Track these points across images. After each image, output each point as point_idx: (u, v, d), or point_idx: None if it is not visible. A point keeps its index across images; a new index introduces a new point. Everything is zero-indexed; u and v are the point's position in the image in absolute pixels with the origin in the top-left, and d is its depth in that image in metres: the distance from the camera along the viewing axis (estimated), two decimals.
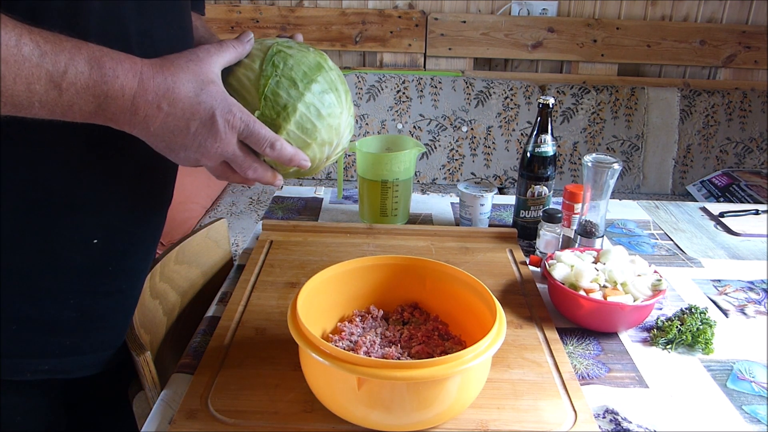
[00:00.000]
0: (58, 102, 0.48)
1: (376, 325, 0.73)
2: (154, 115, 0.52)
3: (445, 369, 0.55)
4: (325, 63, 0.64)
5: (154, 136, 0.54)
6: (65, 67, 0.47)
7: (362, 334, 0.70)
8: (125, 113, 0.51)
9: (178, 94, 0.52)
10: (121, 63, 0.50)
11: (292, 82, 0.60)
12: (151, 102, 0.51)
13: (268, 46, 0.62)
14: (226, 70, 0.60)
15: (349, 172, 2.42)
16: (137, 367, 0.71)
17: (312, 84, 0.61)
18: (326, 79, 0.62)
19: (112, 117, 0.51)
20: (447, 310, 0.75)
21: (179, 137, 0.54)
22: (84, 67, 0.48)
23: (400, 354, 0.66)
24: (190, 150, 0.55)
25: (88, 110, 0.49)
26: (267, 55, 0.61)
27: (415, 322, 0.74)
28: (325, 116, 0.62)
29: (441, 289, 0.74)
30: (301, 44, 0.65)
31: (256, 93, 0.59)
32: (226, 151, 0.56)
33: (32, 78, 0.46)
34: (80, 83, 0.48)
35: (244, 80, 0.60)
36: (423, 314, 0.76)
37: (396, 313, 0.76)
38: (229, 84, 0.60)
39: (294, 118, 0.59)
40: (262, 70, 0.59)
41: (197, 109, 0.53)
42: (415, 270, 0.75)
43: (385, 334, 0.71)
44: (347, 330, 0.71)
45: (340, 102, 0.64)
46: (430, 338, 0.70)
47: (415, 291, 0.77)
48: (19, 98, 0.46)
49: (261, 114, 0.59)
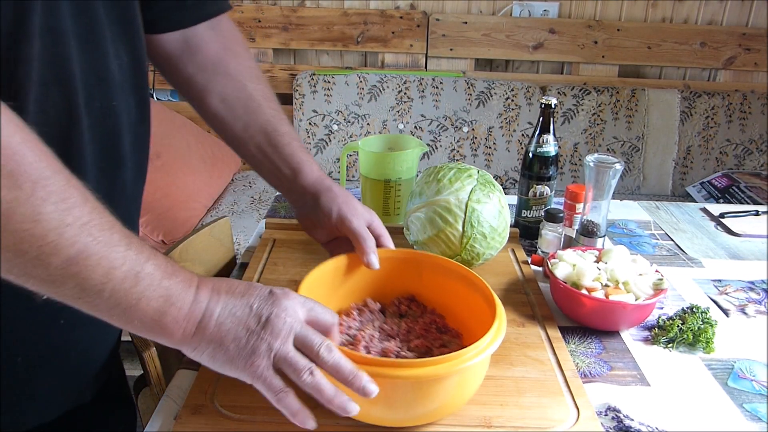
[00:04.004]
0: (129, 292, 0.48)
1: (373, 318, 0.73)
2: (215, 301, 0.52)
3: (447, 367, 0.55)
4: (502, 205, 0.91)
5: (214, 337, 0.52)
6: (147, 258, 0.48)
7: (360, 328, 0.70)
8: (186, 304, 0.51)
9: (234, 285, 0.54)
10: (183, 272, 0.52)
11: (483, 236, 0.88)
12: (211, 289, 0.53)
13: (463, 202, 0.87)
14: (433, 227, 0.82)
15: (351, 171, 2.43)
16: (142, 364, 0.72)
17: (495, 235, 0.89)
18: (501, 222, 0.90)
19: (173, 319, 0.50)
20: (443, 303, 0.75)
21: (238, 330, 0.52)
22: (161, 260, 0.50)
23: (399, 348, 0.66)
24: (246, 348, 0.52)
25: (154, 306, 0.49)
26: (466, 216, 0.87)
27: (413, 314, 0.74)
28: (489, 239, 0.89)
29: (437, 281, 0.75)
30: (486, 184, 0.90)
31: (459, 245, 0.87)
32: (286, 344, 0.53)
33: (116, 263, 0.46)
34: (157, 275, 0.49)
35: (451, 237, 0.87)
36: (420, 307, 0.76)
37: (393, 305, 0.76)
38: (438, 237, 0.87)
39: (482, 257, 0.90)
40: (464, 230, 0.87)
41: (255, 289, 0.55)
42: (411, 263, 0.76)
43: (383, 327, 0.71)
44: (345, 324, 0.71)
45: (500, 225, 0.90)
46: (428, 331, 0.70)
47: (411, 283, 0.77)
48: (91, 282, 0.46)
49: (460, 257, 0.87)
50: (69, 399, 0.69)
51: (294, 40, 2.46)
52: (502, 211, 0.91)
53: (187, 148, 2.09)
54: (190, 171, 2.10)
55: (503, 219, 0.91)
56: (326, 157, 2.42)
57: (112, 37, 0.60)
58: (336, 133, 2.41)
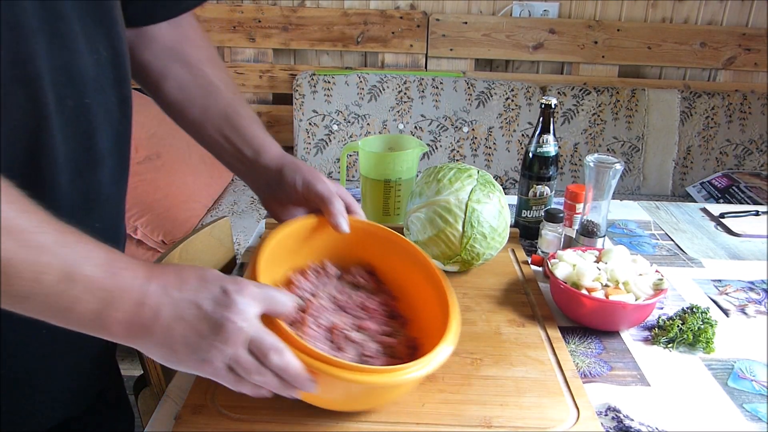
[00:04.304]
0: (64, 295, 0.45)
1: (328, 284, 0.71)
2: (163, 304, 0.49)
3: (382, 379, 0.56)
4: (502, 205, 0.92)
5: (163, 335, 0.50)
6: (85, 258, 0.46)
7: (314, 292, 0.69)
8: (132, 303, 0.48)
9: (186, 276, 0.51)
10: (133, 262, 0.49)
11: (483, 236, 0.88)
12: (160, 288, 0.49)
13: (463, 202, 0.87)
14: (433, 227, 0.82)
15: (351, 171, 2.43)
16: (142, 364, 0.72)
17: (495, 235, 0.90)
18: (501, 222, 0.91)
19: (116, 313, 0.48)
20: (400, 285, 0.74)
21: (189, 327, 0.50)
22: (104, 259, 0.47)
23: (347, 328, 0.65)
24: (203, 343, 0.50)
25: (92, 309, 0.47)
26: (466, 216, 0.87)
27: (368, 289, 0.73)
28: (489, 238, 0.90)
29: (401, 266, 0.73)
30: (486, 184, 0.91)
31: (459, 245, 0.88)
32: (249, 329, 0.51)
33: (46, 267, 0.44)
34: (97, 275, 0.46)
35: (451, 237, 0.87)
36: (377, 282, 0.74)
37: (350, 275, 0.74)
38: (438, 237, 0.87)
39: (482, 257, 0.91)
40: (464, 231, 0.87)
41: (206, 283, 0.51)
42: (378, 239, 0.74)
43: (337, 297, 0.69)
44: (299, 284, 0.69)
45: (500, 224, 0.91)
46: (378, 313, 0.70)
47: (374, 257, 0.75)
48: (19, 288, 0.43)
49: (460, 257, 0.89)
50: (66, 405, 0.69)
51: (294, 40, 2.46)
52: (502, 211, 0.91)
53: (187, 148, 2.09)
54: (190, 171, 2.10)
55: (503, 219, 0.91)
56: (326, 157, 2.42)
57: (85, 31, 0.57)
58: (336, 134, 2.41)
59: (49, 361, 0.64)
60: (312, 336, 0.62)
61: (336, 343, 0.63)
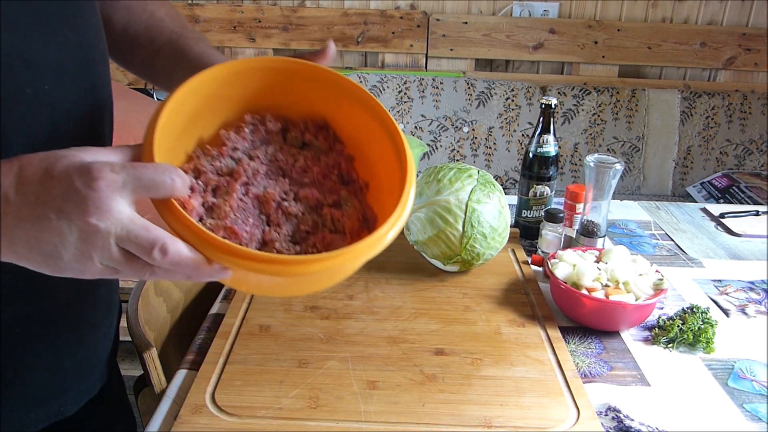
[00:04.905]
0: None
1: (268, 141, 0.56)
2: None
3: (302, 268, 0.44)
4: (502, 205, 0.93)
5: (20, 244, 0.42)
6: None
7: (249, 150, 0.55)
8: None
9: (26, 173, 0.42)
10: None
11: (483, 236, 0.89)
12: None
13: (464, 202, 0.88)
14: (434, 227, 0.82)
15: None
16: (142, 364, 0.72)
17: (495, 235, 0.90)
18: (501, 222, 0.91)
19: None
20: (358, 141, 0.58)
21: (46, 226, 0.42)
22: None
23: (283, 196, 0.53)
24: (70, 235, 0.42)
25: None
26: (466, 216, 0.88)
27: (317, 147, 0.58)
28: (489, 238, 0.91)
29: (357, 119, 0.57)
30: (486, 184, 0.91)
31: (459, 245, 0.88)
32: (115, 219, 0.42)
33: None
34: None
35: (451, 237, 0.88)
36: (329, 139, 0.59)
37: (297, 129, 0.58)
38: (438, 237, 0.88)
39: (482, 257, 0.91)
40: (464, 231, 0.88)
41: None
42: (333, 85, 0.57)
43: (277, 157, 0.55)
44: (231, 143, 0.54)
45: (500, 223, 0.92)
46: (326, 177, 0.56)
47: (328, 108, 0.58)
48: None
49: (460, 257, 0.89)
50: (66, 404, 0.69)
51: (294, 40, 2.46)
52: (503, 211, 0.91)
53: None
54: None
55: (503, 219, 0.91)
56: None
57: (40, 15, 0.53)
58: None
59: (49, 360, 0.64)
60: (238, 208, 0.50)
61: (268, 216, 0.51)
